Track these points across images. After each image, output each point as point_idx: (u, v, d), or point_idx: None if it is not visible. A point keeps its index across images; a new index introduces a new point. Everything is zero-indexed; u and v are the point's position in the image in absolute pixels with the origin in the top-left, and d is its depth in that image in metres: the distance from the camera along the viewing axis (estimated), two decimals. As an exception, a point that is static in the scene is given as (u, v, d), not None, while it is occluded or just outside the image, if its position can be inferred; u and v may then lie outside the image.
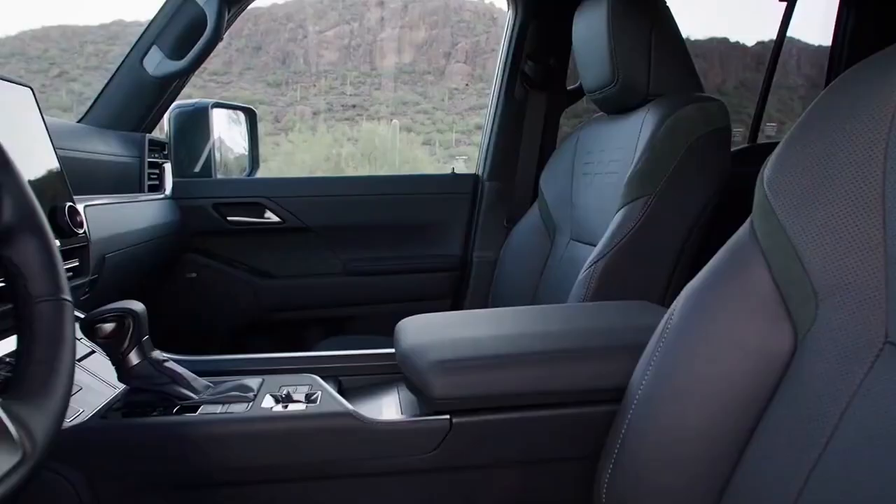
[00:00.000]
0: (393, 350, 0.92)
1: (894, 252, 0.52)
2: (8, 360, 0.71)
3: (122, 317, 0.77)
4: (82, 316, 0.78)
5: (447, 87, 20.62)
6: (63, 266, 0.55)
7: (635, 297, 1.06)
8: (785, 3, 1.89)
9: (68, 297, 0.53)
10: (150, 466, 0.77)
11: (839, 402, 0.53)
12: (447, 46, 21.09)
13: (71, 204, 0.92)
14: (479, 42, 20.30)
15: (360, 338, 1.77)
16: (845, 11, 1.93)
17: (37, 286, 0.52)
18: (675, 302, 0.69)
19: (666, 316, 0.69)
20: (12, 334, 0.73)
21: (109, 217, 1.20)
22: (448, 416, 0.81)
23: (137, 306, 0.79)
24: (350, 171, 14.05)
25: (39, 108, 0.97)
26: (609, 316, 0.96)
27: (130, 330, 0.77)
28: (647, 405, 0.68)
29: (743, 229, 0.65)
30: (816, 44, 2.08)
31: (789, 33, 2.03)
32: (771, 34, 1.97)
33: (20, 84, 0.94)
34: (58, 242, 0.56)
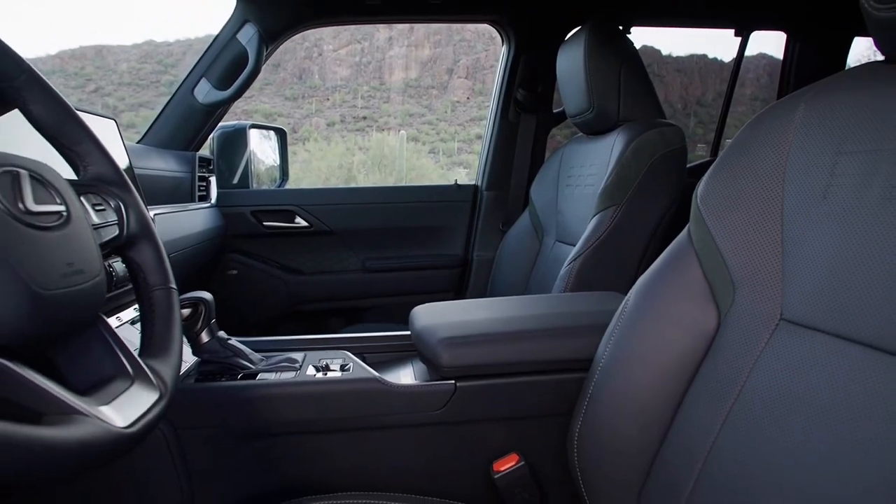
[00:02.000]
0: (406, 332, 0.96)
1: (788, 251, 0.57)
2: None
3: (196, 304, 0.83)
4: None
5: (450, 100, 20.34)
6: (169, 263, 0.64)
7: (606, 289, 1.09)
8: (740, 38, 1.93)
9: (174, 286, 0.62)
10: (220, 421, 0.82)
11: (746, 365, 0.59)
12: (450, 63, 20.82)
13: None
14: (479, 59, 20.04)
15: (376, 325, 1.80)
16: (791, 43, 1.95)
17: (152, 278, 0.61)
18: (630, 291, 0.73)
19: (623, 302, 0.74)
20: (126, 309, 0.83)
21: (171, 224, 1.27)
22: (453, 381, 0.85)
23: (207, 295, 0.84)
24: (361, 178, 13.87)
25: (122, 136, 1.07)
26: (581, 303, 0.99)
27: (203, 314, 0.83)
28: (607, 372, 0.72)
29: (683, 233, 0.70)
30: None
31: (763, 50, 2.05)
32: (747, 51, 2.00)
33: (106, 117, 1.03)
34: None
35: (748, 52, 2.02)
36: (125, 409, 0.45)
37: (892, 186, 0.49)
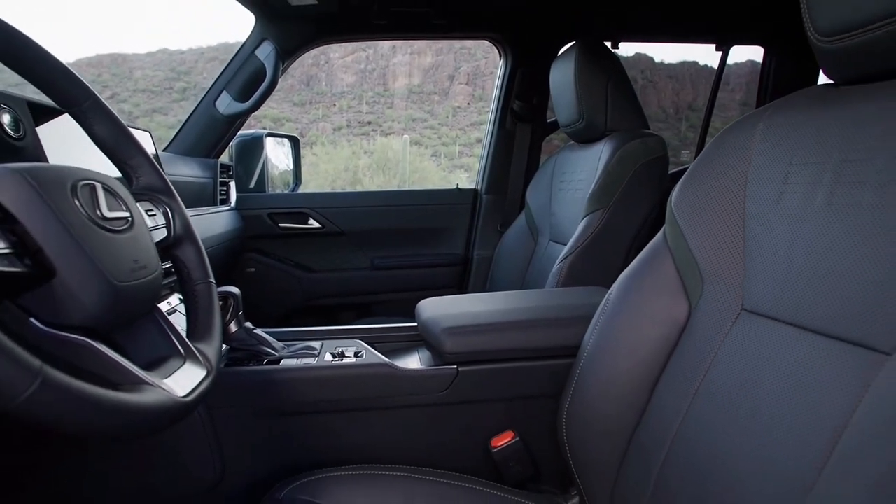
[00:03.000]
0: (412, 324, 1.00)
1: (749, 249, 0.61)
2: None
3: (226, 297, 0.86)
4: None
5: (451, 105, 20.23)
6: (208, 261, 0.70)
7: (594, 284, 1.10)
8: (720, 53, 1.97)
9: (213, 280, 0.68)
10: (248, 401, 0.85)
11: (711, 350, 0.62)
12: (451, 70, 20.75)
13: None
14: (479, 66, 19.97)
15: (383, 318, 1.81)
16: (768, 58, 1.98)
17: (196, 274, 0.66)
18: (613, 285, 0.77)
19: (606, 296, 0.77)
20: (170, 295, 0.87)
21: (197, 226, 1.32)
22: (455, 366, 0.88)
23: (236, 290, 0.88)
24: (366, 180, 13.81)
25: (155, 147, 1.12)
26: (570, 297, 1.02)
27: (232, 307, 0.87)
28: (592, 359, 0.75)
29: (659, 234, 0.74)
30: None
31: (751, 57, 2.04)
32: (735, 58, 2.03)
33: (141, 129, 1.08)
34: None
35: (739, 59, 2.06)
36: (182, 382, 0.51)
37: (833, 193, 0.53)
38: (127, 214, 0.53)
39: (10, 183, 0.42)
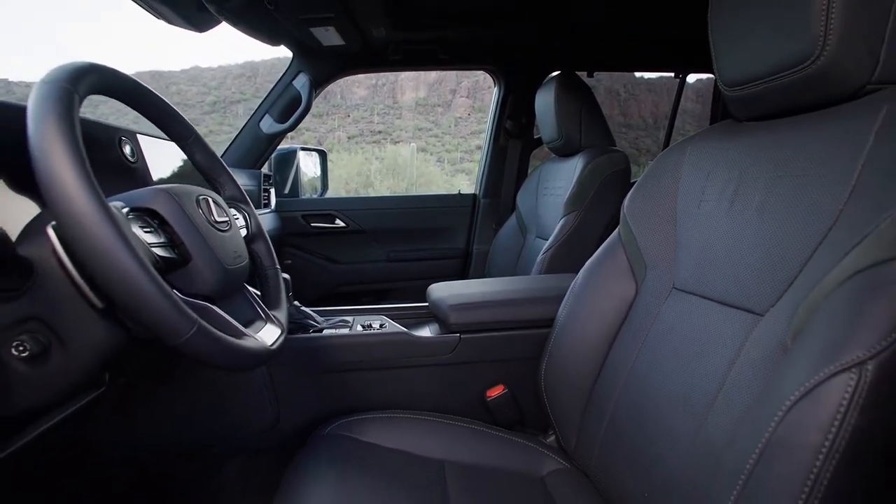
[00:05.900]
0: (423, 304, 1.07)
1: (679, 243, 0.70)
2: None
3: None
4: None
5: (453, 116, 20.19)
6: (274, 253, 0.82)
7: (570, 272, 1.10)
8: (678, 80, 2.05)
9: (278, 267, 0.79)
10: (298, 362, 0.91)
11: (649, 320, 0.70)
12: (453, 84, 20.70)
13: None
14: (478, 81, 19.90)
15: (397, 302, 1.90)
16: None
17: (266, 262, 0.78)
18: (580, 271, 0.85)
19: (575, 279, 0.85)
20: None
21: None
22: (458, 335, 0.94)
23: (287, 276, 0.93)
24: (377, 183, 13.82)
25: None
26: (549, 281, 1.09)
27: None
28: (563, 329, 0.82)
29: (615, 232, 0.81)
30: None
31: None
32: (707, 74, 2.09)
33: None
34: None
35: (707, 75, 2.13)
36: (267, 336, 0.65)
37: (733, 201, 0.63)
38: (227, 219, 0.66)
39: (162, 198, 0.56)
